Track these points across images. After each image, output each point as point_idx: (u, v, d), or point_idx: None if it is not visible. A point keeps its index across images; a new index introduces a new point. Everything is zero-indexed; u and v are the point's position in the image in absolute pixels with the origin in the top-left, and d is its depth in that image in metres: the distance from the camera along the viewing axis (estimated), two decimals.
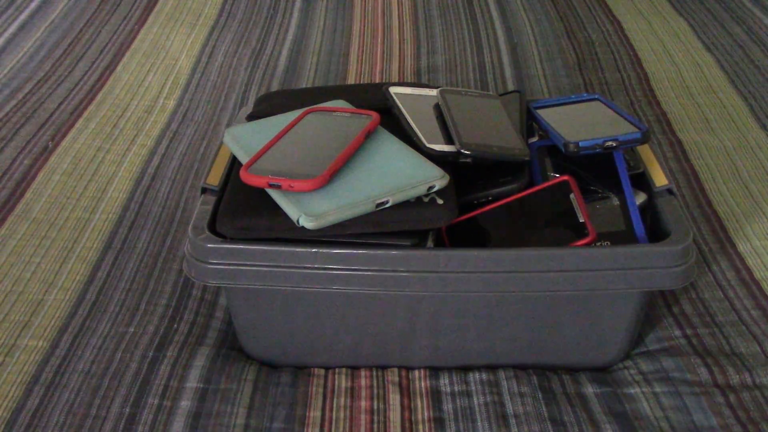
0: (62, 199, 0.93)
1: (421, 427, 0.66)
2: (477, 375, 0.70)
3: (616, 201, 0.70)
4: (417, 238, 0.63)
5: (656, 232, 0.68)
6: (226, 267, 0.63)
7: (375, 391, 0.69)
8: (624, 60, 1.25)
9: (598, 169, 0.72)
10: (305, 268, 0.62)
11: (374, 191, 0.61)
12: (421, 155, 0.66)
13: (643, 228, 0.68)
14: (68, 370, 0.71)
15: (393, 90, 0.75)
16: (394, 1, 1.48)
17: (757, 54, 1.26)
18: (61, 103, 1.12)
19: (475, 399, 0.68)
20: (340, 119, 0.69)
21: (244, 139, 0.70)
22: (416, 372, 0.71)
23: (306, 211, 0.59)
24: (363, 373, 0.71)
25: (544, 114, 0.77)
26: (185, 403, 0.67)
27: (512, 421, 0.66)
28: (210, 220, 0.66)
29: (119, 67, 1.23)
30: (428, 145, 0.68)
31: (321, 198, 0.61)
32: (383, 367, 0.72)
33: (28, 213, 0.91)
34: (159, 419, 0.66)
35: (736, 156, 1.01)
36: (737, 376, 0.69)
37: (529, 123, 0.79)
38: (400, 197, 0.61)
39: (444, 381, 0.70)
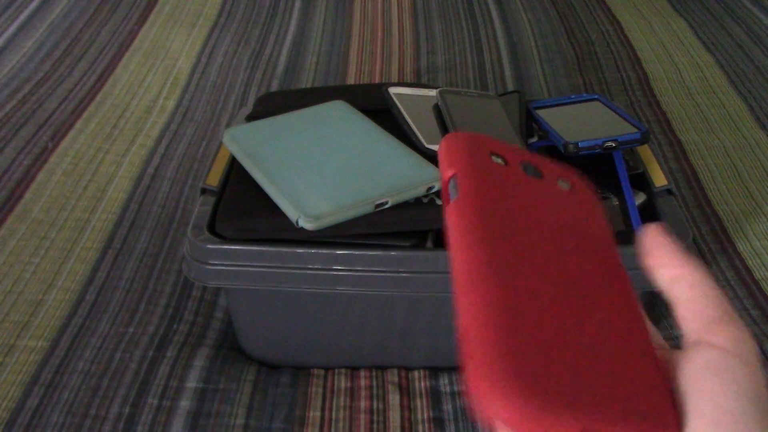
0: (62, 199, 0.93)
1: (420, 427, 0.66)
2: None
3: (615, 201, 0.70)
4: (416, 239, 0.63)
5: None
6: (226, 268, 0.63)
7: (374, 391, 0.69)
8: (624, 60, 1.25)
9: (597, 169, 0.72)
10: (305, 269, 0.62)
11: (373, 192, 0.61)
12: (420, 156, 0.66)
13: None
14: (68, 370, 0.71)
15: (392, 90, 0.75)
16: (394, 1, 1.48)
17: (757, 54, 1.26)
18: (60, 103, 1.12)
19: None
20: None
21: (243, 140, 0.70)
22: (416, 372, 0.71)
23: (305, 212, 0.59)
24: (363, 373, 0.71)
25: (544, 114, 0.77)
26: (185, 403, 0.67)
27: None
28: (209, 221, 0.66)
29: (119, 68, 1.23)
30: (427, 146, 0.68)
31: (320, 199, 0.61)
32: (383, 368, 0.72)
33: (28, 213, 0.91)
34: (158, 419, 0.66)
35: (736, 156, 1.01)
36: None
37: (529, 123, 0.79)
38: (400, 198, 0.61)
39: (443, 381, 0.70)
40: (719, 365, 0.24)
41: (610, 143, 0.69)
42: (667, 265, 0.26)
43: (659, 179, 0.71)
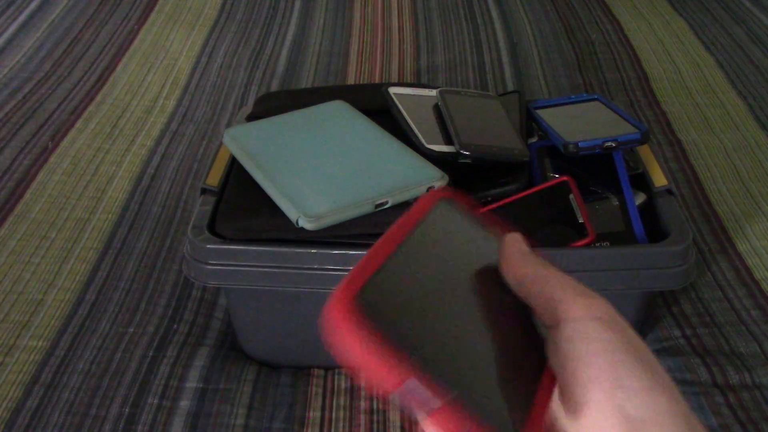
0: (62, 199, 0.93)
1: (420, 427, 0.66)
2: None
3: (615, 201, 0.70)
4: None
5: (656, 233, 0.68)
6: (226, 268, 0.63)
7: (375, 391, 0.69)
8: (624, 60, 1.25)
9: (597, 169, 0.72)
10: (305, 268, 0.62)
11: (373, 192, 0.61)
12: (420, 156, 0.66)
13: (643, 228, 0.68)
14: (68, 370, 0.71)
15: (392, 90, 0.75)
16: (394, 1, 1.48)
17: (757, 54, 1.26)
18: (61, 103, 1.12)
19: None
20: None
21: (243, 140, 0.70)
22: None
23: (305, 212, 0.59)
24: None
25: (544, 114, 0.77)
26: (185, 403, 0.67)
27: None
28: (209, 221, 0.66)
29: (119, 67, 1.23)
30: (427, 146, 0.68)
31: (320, 199, 0.61)
32: None
33: (28, 213, 0.91)
34: (159, 419, 0.66)
35: (736, 156, 1.01)
36: (737, 376, 0.69)
37: (529, 123, 0.79)
38: (400, 198, 0.61)
39: None
40: (582, 332, 0.24)
41: (610, 143, 0.69)
42: (514, 268, 0.27)
43: (659, 179, 0.71)
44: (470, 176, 0.71)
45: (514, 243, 0.29)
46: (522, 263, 0.28)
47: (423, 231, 0.27)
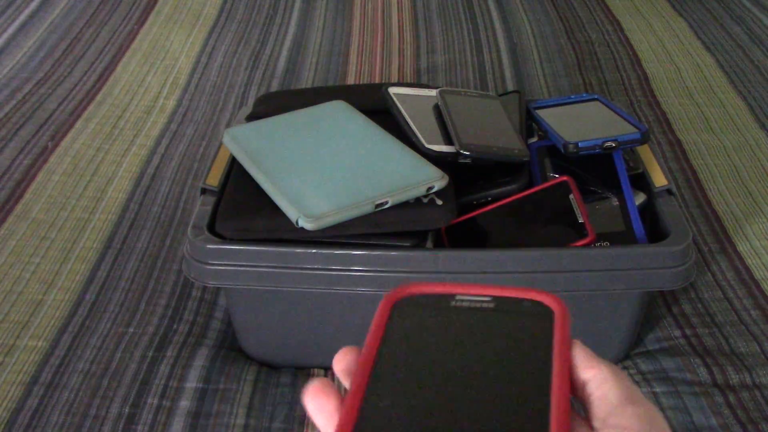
0: (62, 199, 0.93)
1: None
2: None
3: (615, 201, 0.70)
4: (416, 239, 0.63)
5: (656, 233, 0.68)
6: (226, 268, 0.63)
7: None
8: (624, 60, 1.25)
9: (597, 169, 0.72)
10: (304, 268, 0.62)
11: (373, 192, 0.61)
12: (420, 156, 0.66)
13: (643, 228, 0.68)
14: (68, 370, 0.71)
15: (392, 90, 0.75)
16: (394, 1, 1.48)
17: (757, 54, 1.26)
18: (60, 103, 1.12)
19: None
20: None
21: (243, 140, 0.70)
22: None
23: (305, 212, 0.59)
24: None
25: (544, 114, 0.77)
26: (185, 403, 0.67)
27: None
28: (209, 221, 0.66)
29: (119, 68, 1.23)
30: (427, 146, 0.68)
31: (320, 199, 0.61)
32: None
33: (28, 213, 0.91)
34: (158, 419, 0.66)
35: (736, 156, 1.01)
36: (737, 376, 0.69)
37: (529, 123, 0.79)
38: (400, 198, 0.61)
39: None
40: None
41: (610, 143, 0.69)
42: (579, 369, 0.26)
43: (659, 179, 0.71)
44: (470, 176, 0.71)
45: (579, 346, 0.27)
46: (586, 364, 0.27)
47: (390, 342, 0.29)
